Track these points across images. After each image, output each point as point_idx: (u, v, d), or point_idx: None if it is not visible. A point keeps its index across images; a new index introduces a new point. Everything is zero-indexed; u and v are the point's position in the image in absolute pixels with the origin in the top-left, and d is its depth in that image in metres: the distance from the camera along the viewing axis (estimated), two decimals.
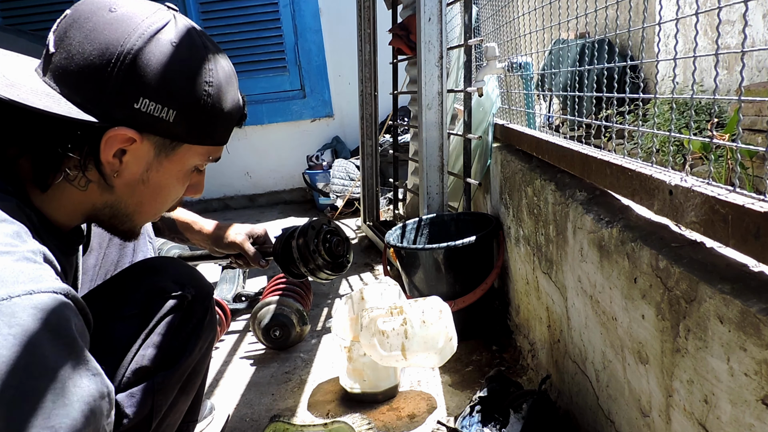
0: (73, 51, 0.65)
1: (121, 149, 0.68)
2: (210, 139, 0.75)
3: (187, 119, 0.70)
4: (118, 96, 0.65)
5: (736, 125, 0.64)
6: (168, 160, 0.73)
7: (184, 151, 0.73)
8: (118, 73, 0.64)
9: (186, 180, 0.79)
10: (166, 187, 0.76)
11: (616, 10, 0.97)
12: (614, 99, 0.98)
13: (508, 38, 1.79)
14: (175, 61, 0.67)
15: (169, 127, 0.69)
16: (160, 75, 0.66)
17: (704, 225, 0.66)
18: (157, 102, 0.67)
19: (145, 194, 0.74)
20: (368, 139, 2.90)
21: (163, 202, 0.79)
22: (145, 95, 0.66)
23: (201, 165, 0.78)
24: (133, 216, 0.77)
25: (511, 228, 1.65)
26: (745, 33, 0.63)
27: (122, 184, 0.72)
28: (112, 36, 0.65)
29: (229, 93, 0.74)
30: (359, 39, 2.84)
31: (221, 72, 0.73)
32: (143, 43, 0.66)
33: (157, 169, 0.73)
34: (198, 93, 0.70)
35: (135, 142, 0.68)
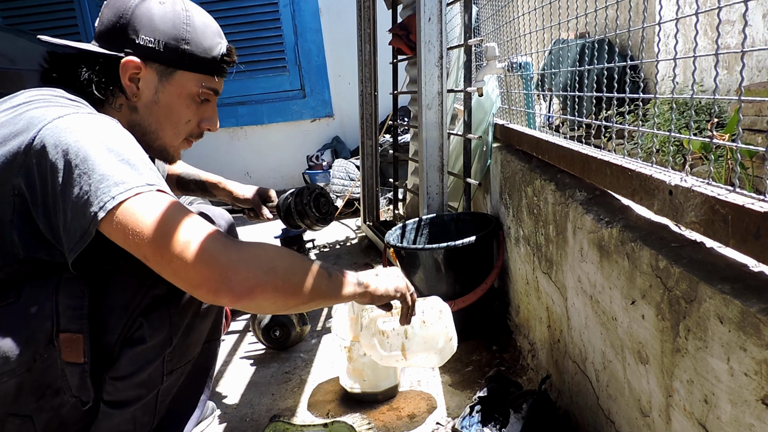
0: (102, 20, 0.99)
1: (133, 76, 0.97)
2: (196, 67, 1.00)
3: (173, 49, 0.98)
4: (125, 37, 0.96)
5: (736, 125, 0.64)
6: (169, 83, 1.00)
7: (179, 76, 1.00)
8: (124, 22, 0.96)
9: (191, 104, 1.03)
10: (174, 107, 1.02)
11: (616, 10, 0.97)
12: (614, 99, 0.98)
13: (508, 38, 1.79)
14: (161, 10, 0.97)
15: (161, 55, 0.97)
16: (151, 18, 0.96)
17: (704, 225, 0.66)
18: (150, 36, 0.96)
19: (160, 113, 1.01)
20: (368, 139, 2.90)
21: (176, 121, 1.03)
22: (141, 33, 0.96)
23: (199, 91, 1.02)
24: (158, 133, 1.03)
25: (511, 228, 1.65)
26: (745, 33, 0.63)
27: (142, 106, 1.00)
28: (121, 3, 0.97)
29: (207, 34, 1.01)
30: (359, 39, 2.84)
31: (197, 19, 1.01)
32: (139, 1, 0.97)
33: (162, 91, 1.00)
34: (178, 30, 0.98)
35: (141, 70, 0.97)
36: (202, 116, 1.07)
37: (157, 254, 0.77)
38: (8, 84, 1.92)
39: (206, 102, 1.06)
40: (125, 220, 0.76)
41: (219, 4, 4.13)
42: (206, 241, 0.77)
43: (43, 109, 0.85)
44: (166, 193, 0.82)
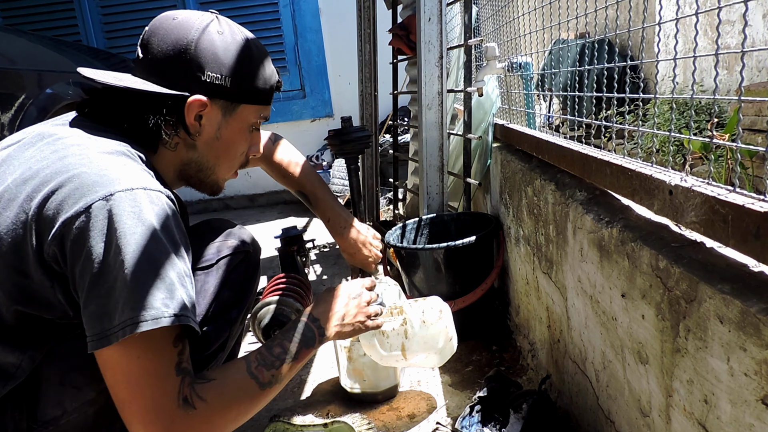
0: (154, 51, 0.91)
1: (198, 114, 0.93)
2: (258, 98, 0.99)
3: (239, 83, 0.94)
4: (189, 74, 0.90)
5: (736, 125, 0.64)
6: (232, 119, 0.97)
7: (241, 110, 0.97)
8: (186, 57, 0.90)
9: (247, 136, 1.02)
10: (234, 142, 1.00)
11: (616, 10, 0.97)
12: (614, 99, 0.98)
13: (508, 38, 1.79)
14: (222, 42, 0.92)
15: (227, 91, 0.93)
16: (215, 53, 0.91)
17: (704, 225, 0.66)
18: (216, 72, 0.91)
19: (220, 149, 0.99)
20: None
21: (234, 155, 1.03)
22: (207, 69, 0.91)
23: (257, 122, 1.02)
24: (215, 168, 1.01)
25: (511, 228, 1.65)
26: (745, 33, 0.63)
27: (202, 143, 0.97)
28: (178, 34, 0.90)
29: (264, 64, 0.99)
30: (359, 39, 2.84)
31: (255, 49, 0.98)
32: (200, 34, 0.91)
33: (225, 127, 0.97)
34: (241, 62, 0.94)
35: (207, 107, 0.92)
36: (251, 143, 1.05)
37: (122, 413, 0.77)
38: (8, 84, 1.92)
39: (256, 130, 1.05)
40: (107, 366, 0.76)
41: (219, 4, 4.13)
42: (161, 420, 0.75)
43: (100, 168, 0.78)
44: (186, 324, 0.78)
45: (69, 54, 2.34)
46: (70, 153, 0.81)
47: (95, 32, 4.21)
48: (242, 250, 1.13)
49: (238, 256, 1.12)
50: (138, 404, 0.75)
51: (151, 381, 0.75)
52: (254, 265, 1.19)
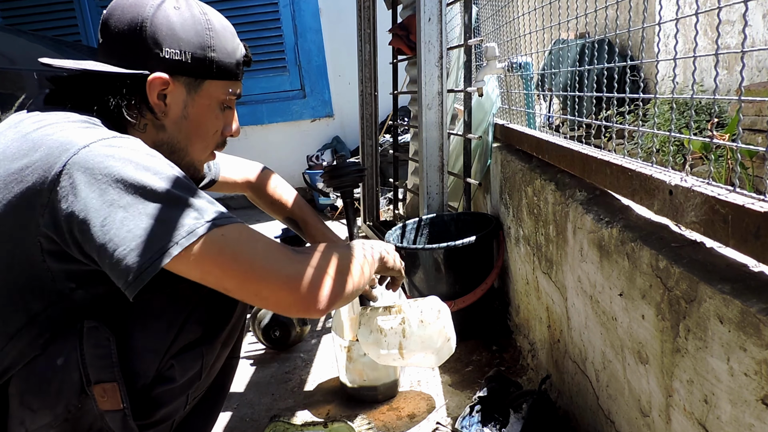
0: (111, 33, 0.88)
1: (161, 92, 0.89)
2: (223, 74, 0.94)
3: (200, 58, 0.90)
4: (147, 52, 0.87)
5: (737, 125, 0.64)
6: (198, 96, 0.93)
7: (207, 86, 0.93)
8: (142, 35, 0.87)
9: (218, 114, 0.98)
10: (203, 120, 0.96)
11: (616, 10, 0.97)
12: (614, 99, 0.98)
13: (508, 38, 1.79)
14: (180, 17, 0.89)
15: (188, 67, 0.90)
16: (172, 28, 0.88)
17: (704, 225, 0.66)
18: (175, 48, 0.88)
19: (190, 128, 0.95)
20: (368, 139, 2.90)
21: (205, 133, 0.98)
22: (165, 45, 0.87)
23: (226, 98, 0.97)
24: (187, 149, 0.97)
25: (511, 228, 1.65)
26: (745, 33, 0.63)
27: (170, 123, 0.93)
28: (133, 12, 0.87)
29: (228, 37, 0.95)
30: (359, 39, 2.84)
31: (217, 22, 0.94)
32: (155, 9, 0.87)
33: (192, 105, 0.93)
34: (202, 37, 0.91)
35: (169, 85, 0.89)
36: (225, 123, 1.01)
37: (243, 287, 0.79)
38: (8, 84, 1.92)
39: (228, 108, 1.01)
40: (201, 257, 0.75)
41: (219, 4, 4.13)
42: (286, 266, 0.82)
43: (65, 134, 0.78)
44: (233, 220, 0.80)
45: (69, 54, 2.34)
46: (39, 135, 0.80)
47: (95, 32, 4.21)
48: None
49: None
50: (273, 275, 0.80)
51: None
52: None
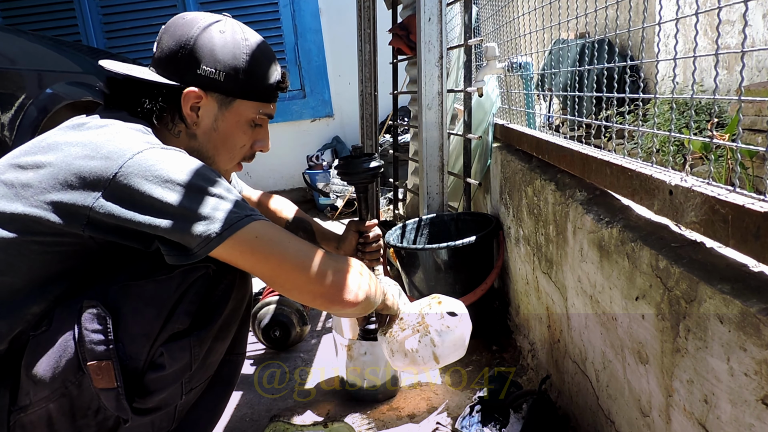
0: (162, 46, 1.01)
1: (194, 105, 1.00)
2: (254, 95, 1.04)
3: (233, 79, 1.00)
4: (186, 67, 0.98)
5: (737, 125, 0.64)
6: (228, 112, 1.03)
7: (238, 104, 1.03)
8: (185, 52, 0.98)
9: (247, 130, 1.07)
10: (231, 134, 1.05)
11: (616, 10, 0.97)
12: (614, 99, 0.98)
13: (508, 38, 1.79)
14: (221, 40, 1.00)
15: (222, 85, 1.00)
16: (212, 49, 0.99)
17: (704, 225, 0.66)
18: (211, 67, 0.98)
19: (218, 140, 1.04)
20: (368, 139, 2.90)
21: (232, 147, 1.07)
22: (202, 63, 0.98)
23: (255, 117, 1.06)
24: (215, 158, 1.06)
25: (511, 228, 1.65)
26: (745, 33, 0.63)
27: (201, 133, 1.03)
28: (182, 31, 0.99)
29: (264, 62, 1.04)
30: (359, 39, 2.84)
31: (256, 48, 1.03)
32: (200, 31, 0.99)
33: (222, 120, 1.03)
34: (237, 60, 1.00)
35: (202, 99, 0.99)
36: (256, 139, 1.11)
37: (278, 277, 0.93)
38: (8, 84, 1.92)
39: (259, 126, 1.10)
40: (245, 246, 0.88)
41: (219, 4, 4.13)
42: (320, 263, 0.94)
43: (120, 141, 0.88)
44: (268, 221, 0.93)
45: (69, 54, 2.34)
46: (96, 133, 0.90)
47: (95, 32, 4.21)
48: (202, 266, 0.95)
49: (194, 273, 0.95)
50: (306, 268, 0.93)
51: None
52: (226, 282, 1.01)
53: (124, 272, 0.91)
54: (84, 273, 0.91)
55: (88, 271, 0.92)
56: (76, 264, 0.90)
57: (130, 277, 0.91)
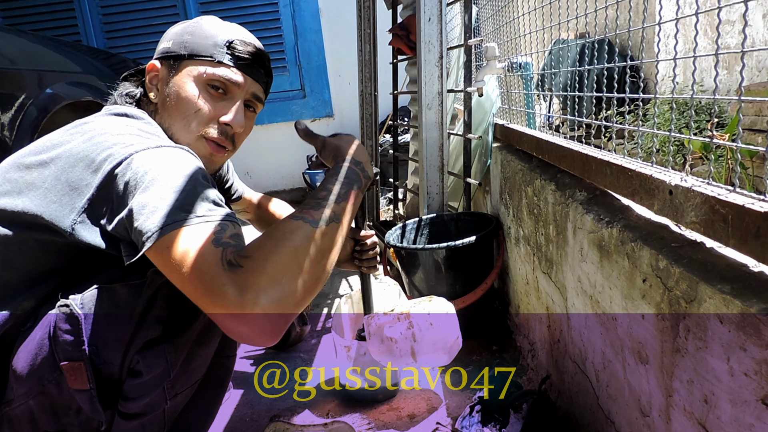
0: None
1: (152, 78, 1.05)
2: (198, 54, 1.03)
3: (178, 42, 1.04)
4: (157, 52, 1.06)
5: (737, 125, 0.65)
6: (177, 75, 1.03)
7: (185, 65, 1.03)
8: (162, 44, 1.07)
9: (201, 93, 1.03)
10: (181, 96, 1.02)
11: (616, 10, 0.97)
12: (614, 99, 0.98)
13: (508, 38, 1.79)
14: (185, 24, 1.07)
15: (170, 52, 1.04)
16: (174, 31, 1.06)
17: (704, 225, 0.66)
18: (167, 43, 1.05)
19: (172, 107, 1.02)
20: (368, 139, 2.90)
21: (185, 110, 1.02)
22: (163, 43, 1.06)
23: (203, 75, 1.02)
24: (172, 128, 1.02)
25: (511, 228, 1.65)
26: (745, 33, 0.63)
27: (161, 105, 1.04)
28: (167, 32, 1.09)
29: (213, 25, 1.06)
30: (359, 39, 2.84)
31: (209, 18, 1.07)
32: (177, 26, 1.07)
33: (172, 84, 1.03)
34: (186, 29, 1.05)
35: (156, 70, 1.05)
36: (216, 106, 1.03)
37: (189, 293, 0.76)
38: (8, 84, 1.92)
39: (222, 95, 1.03)
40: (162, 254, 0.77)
41: (219, 4, 4.13)
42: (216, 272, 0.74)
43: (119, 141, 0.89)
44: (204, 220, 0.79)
45: (69, 54, 2.34)
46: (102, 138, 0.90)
47: (95, 32, 4.21)
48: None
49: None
50: (190, 282, 0.75)
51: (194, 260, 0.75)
52: None
53: (104, 274, 0.91)
54: (73, 272, 0.92)
55: (77, 271, 0.92)
56: (67, 263, 0.91)
57: (108, 280, 0.90)
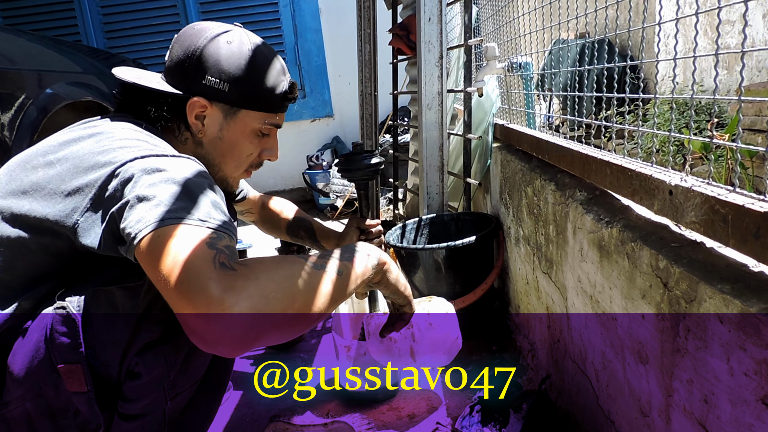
0: (172, 55, 1.03)
1: (199, 114, 1.01)
2: (259, 105, 1.04)
3: (237, 89, 1.01)
4: (192, 77, 1.00)
5: (737, 125, 0.65)
6: (233, 122, 1.04)
7: (243, 115, 1.04)
8: (191, 62, 0.99)
9: (253, 139, 1.08)
10: (237, 143, 1.06)
11: (616, 10, 0.97)
12: (614, 99, 0.98)
13: (508, 38, 1.79)
14: (228, 51, 1.00)
15: (226, 96, 1.01)
16: (218, 59, 0.99)
17: (704, 225, 0.66)
18: (216, 77, 0.99)
19: (224, 149, 1.06)
20: (368, 139, 2.90)
21: (238, 156, 1.08)
22: (207, 74, 0.99)
23: (261, 128, 1.07)
24: (221, 166, 1.07)
25: (511, 228, 1.65)
26: (745, 33, 0.63)
27: (207, 142, 1.04)
28: (190, 41, 1.00)
29: (270, 73, 1.04)
30: (359, 39, 2.84)
31: (261, 59, 1.03)
32: (207, 41, 1.00)
33: (227, 129, 1.04)
34: (242, 71, 1.00)
35: (207, 109, 1.01)
36: (263, 147, 1.12)
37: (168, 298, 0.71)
38: (8, 84, 1.92)
39: (266, 136, 1.11)
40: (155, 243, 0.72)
41: (219, 4, 4.13)
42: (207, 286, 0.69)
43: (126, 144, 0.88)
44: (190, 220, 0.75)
45: (69, 54, 2.34)
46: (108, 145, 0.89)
47: (95, 32, 4.21)
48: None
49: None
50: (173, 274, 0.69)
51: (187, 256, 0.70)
52: None
53: (101, 276, 0.90)
54: (71, 274, 0.91)
55: (75, 273, 0.91)
56: (66, 265, 0.90)
57: (105, 282, 0.89)
